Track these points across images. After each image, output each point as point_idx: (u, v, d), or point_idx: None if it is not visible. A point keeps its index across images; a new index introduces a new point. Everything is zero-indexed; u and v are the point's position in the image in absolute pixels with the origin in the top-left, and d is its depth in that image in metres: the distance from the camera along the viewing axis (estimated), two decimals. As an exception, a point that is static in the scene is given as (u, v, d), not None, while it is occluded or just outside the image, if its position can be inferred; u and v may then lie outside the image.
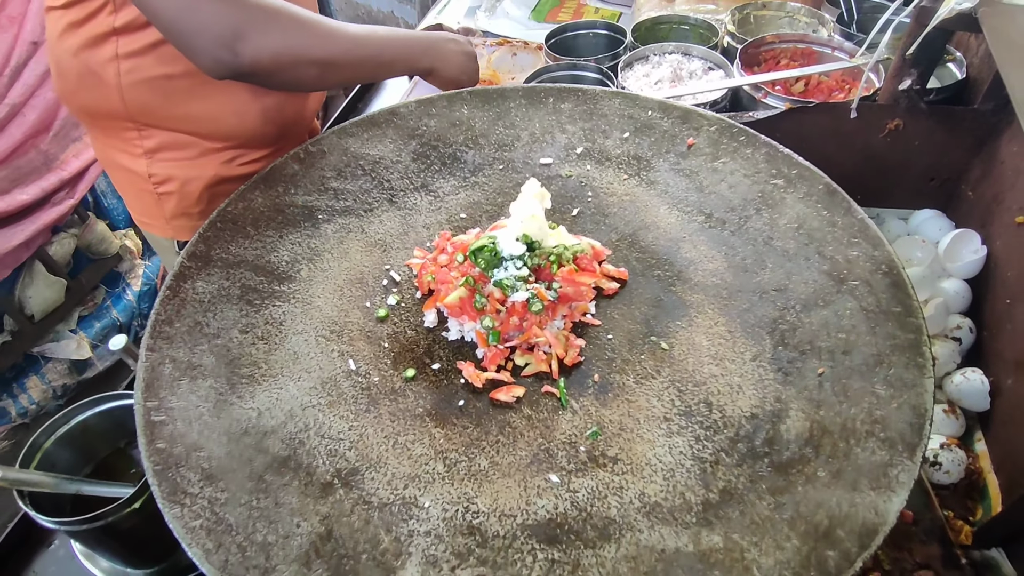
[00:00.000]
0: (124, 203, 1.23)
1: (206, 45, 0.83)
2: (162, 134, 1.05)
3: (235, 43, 0.84)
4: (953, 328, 0.94)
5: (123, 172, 1.12)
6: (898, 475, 0.56)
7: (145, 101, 1.00)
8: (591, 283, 0.76)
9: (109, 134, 1.07)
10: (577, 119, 1.01)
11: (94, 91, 1.00)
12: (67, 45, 0.98)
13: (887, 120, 1.03)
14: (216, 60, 0.84)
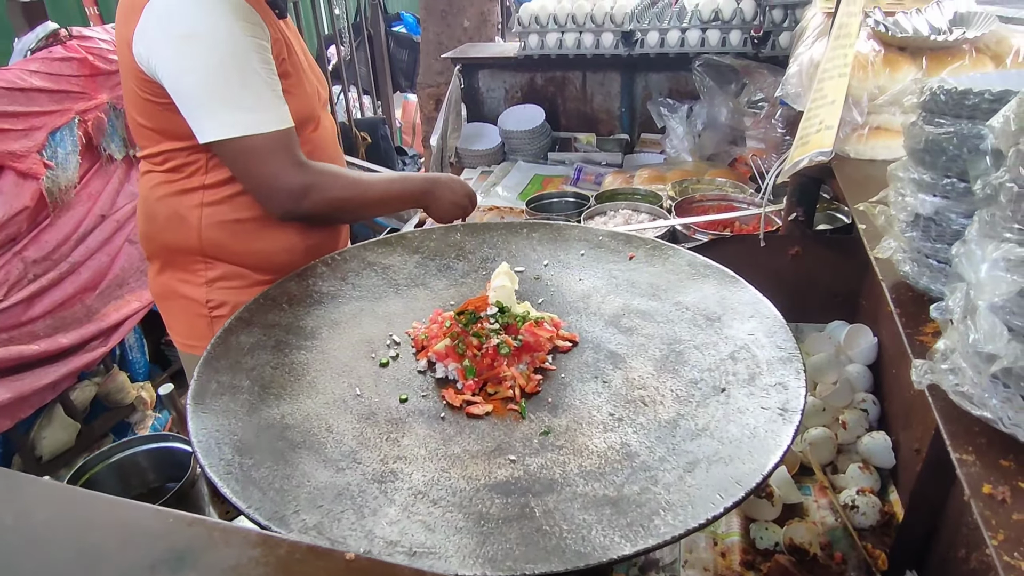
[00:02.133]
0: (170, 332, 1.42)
1: (282, 199, 1.16)
2: (224, 266, 1.30)
3: (302, 198, 1.17)
4: (860, 401, 1.13)
5: (181, 300, 1.34)
6: (776, 440, 0.73)
7: (218, 239, 1.27)
8: (548, 336, 0.98)
9: (178, 267, 1.32)
10: (545, 243, 1.30)
11: (177, 231, 1.27)
12: (160, 194, 1.27)
13: (789, 247, 1.32)
14: (286, 210, 1.18)
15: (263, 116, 1.12)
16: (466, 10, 3.30)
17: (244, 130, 1.10)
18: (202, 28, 1.08)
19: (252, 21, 1.11)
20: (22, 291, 2.14)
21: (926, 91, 0.67)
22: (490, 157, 2.59)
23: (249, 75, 1.10)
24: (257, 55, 1.11)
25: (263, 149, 1.12)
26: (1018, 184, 0.51)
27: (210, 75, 1.08)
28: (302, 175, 1.16)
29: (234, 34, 1.09)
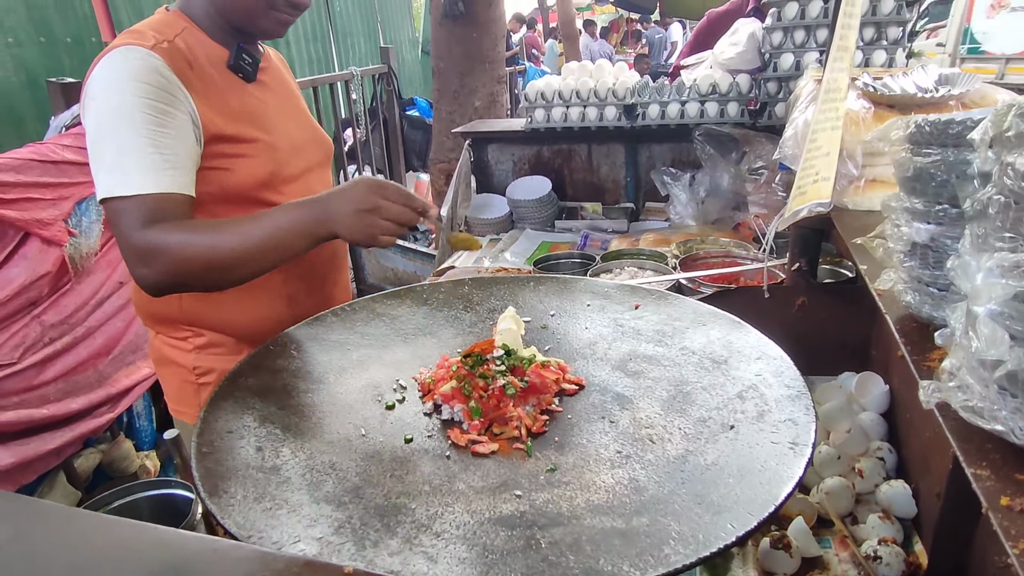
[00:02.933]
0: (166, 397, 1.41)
1: (131, 265, 1.07)
2: (210, 334, 1.29)
3: (145, 264, 1.04)
4: (875, 450, 1.10)
5: (172, 366, 1.34)
6: (788, 472, 0.72)
7: (198, 309, 1.26)
8: (555, 378, 0.98)
9: (168, 334, 1.32)
10: (552, 295, 1.31)
11: (160, 301, 1.22)
12: None
13: (794, 298, 1.33)
14: (139, 277, 1.06)
15: (126, 179, 1.05)
16: (477, 91, 3.48)
17: (106, 192, 1.05)
18: (99, 92, 1.08)
19: (157, 85, 1.08)
20: (37, 354, 2.17)
21: (911, 124, 0.70)
22: (499, 225, 2.65)
23: (123, 139, 1.05)
24: (142, 118, 1.06)
25: (118, 212, 1.05)
26: (1004, 195, 0.53)
27: (94, 139, 1.08)
28: (144, 237, 1.03)
29: (123, 98, 1.06)
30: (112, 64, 1.08)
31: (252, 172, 1.20)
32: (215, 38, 1.21)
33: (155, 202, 1.05)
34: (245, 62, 1.23)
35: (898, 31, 1.88)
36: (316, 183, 1.35)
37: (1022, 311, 0.50)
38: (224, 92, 1.19)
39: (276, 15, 1.21)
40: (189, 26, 1.19)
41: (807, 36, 1.98)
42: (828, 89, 1.05)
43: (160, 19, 1.19)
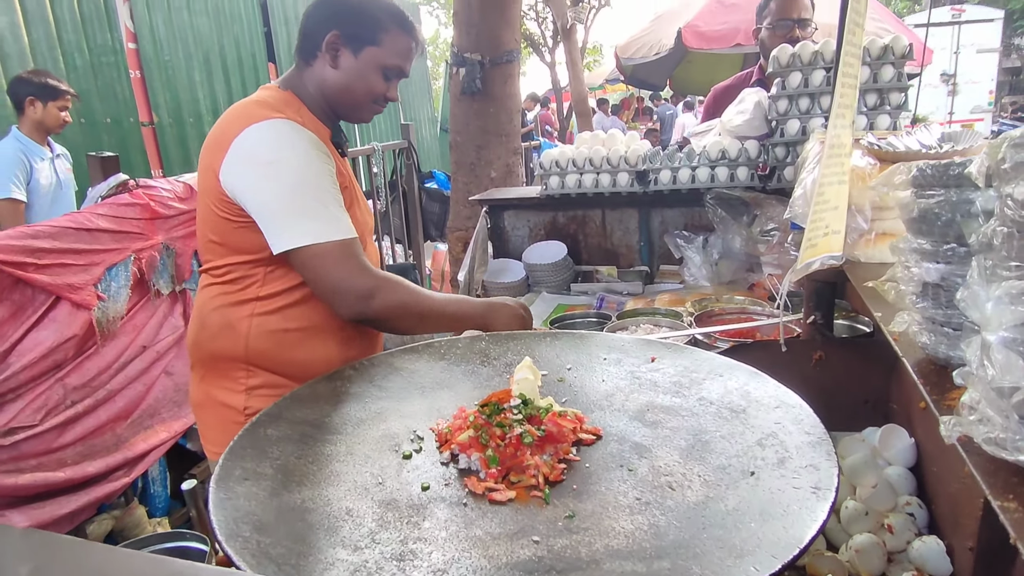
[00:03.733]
0: (204, 441, 1.48)
1: (351, 300, 1.27)
2: (265, 375, 1.39)
3: (370, 299, 1.27)
4: (904, 505, 1.06)
5: (219, 408, 1.41)
6: (811, 516, 0.70)
7: (263, 348, 1.37)
8: (572, 427, 0.97)
9: (221, 374, 1.40)
10: (569, 350, 1.32)
11: (226, 339, 1.38)
12: (215, 304, 1.39)
13: (811, 352, 1.32)
14: (355, 311, 1.27)
15: (333, 227, 1.26)
16: (493, 163, 3.60)
17: (316, 238, 1.24)
18: (284, 155, 1.27)
19: (324, 151, 1.32)
20: (58, 416, 2.19)
21: (913, 168, 0.72)
22: (515, 289, 2.68)
23: (321, 193, 1.27)
24: (329, 178, 1.30)
25: (333, 255, 1.25)
26: (1007, 226, 0.54)
27: (289, 193, 1.26)
28: (370, 278, 1.27)
29: (310, 160, 1.28)
30: (282, 132, 1.28)
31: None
32: (318, 117, 1.41)
33: (357, 245, 1.29)
34: (342, 139, 1.48)
35: (900, 96, 1.95)
36: (371, 248, 1.54)
37: (1034, 336, 0.50)
38: (336, 160, 1.39)
39: (373, 108, 1.44)
40: (301, 106, 1.39)
41: (811, 103, 2.05)
42: (832, 145, 1.09)
43: (281, 97, 1.38)
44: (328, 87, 1.39)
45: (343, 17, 1.35)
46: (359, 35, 1.35)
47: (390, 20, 1.37)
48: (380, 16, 1.36)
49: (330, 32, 1.35)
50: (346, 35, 1.35)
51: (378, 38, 1.36)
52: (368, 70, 1.37)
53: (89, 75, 4.22)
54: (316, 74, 1.39)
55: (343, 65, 1.37)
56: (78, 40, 4.17)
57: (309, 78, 1.40)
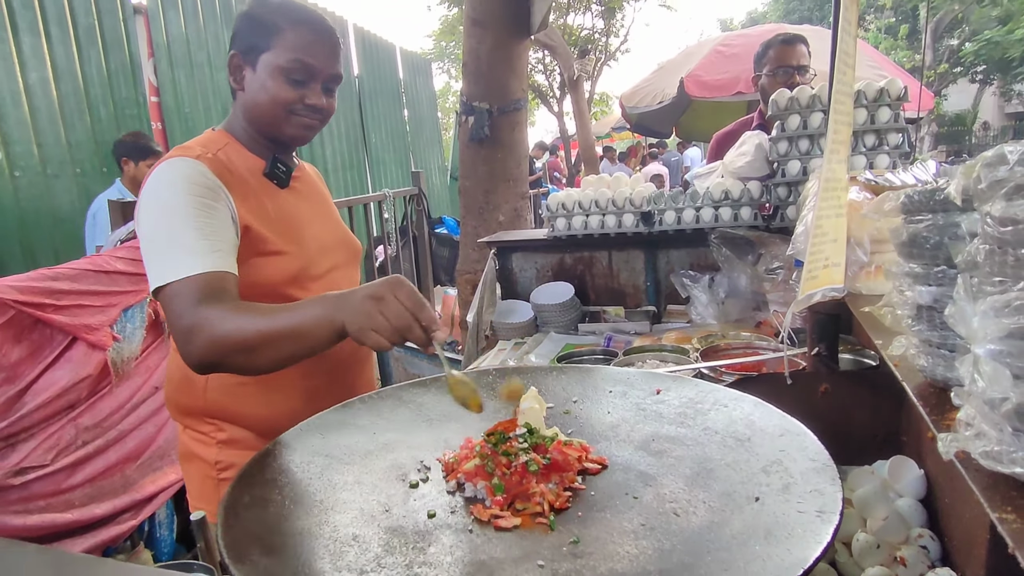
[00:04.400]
0: (188, 494, 1.44)
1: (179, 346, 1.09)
2: (232, 428, 1.35)
3: (188, 343, 1.07)
4: (917, 537, 1.05)
5: (195, 461, 1.38)
6: (816, 538, 0.70)
7: (221, 402, 1.33)
8: (577, 456, 0.98)
9: (193, 427, 1.38)
10: (575, 383, 1.33)
11: (186, 393, 1.35)
12: (175, 358, 1.37)
13: (817, 385, 1.32)
14: (186, 356, 1.07)
15: (176, 265, 1.11)
16: (501, 207, 3.67)
17: (160, 279, 1.12)
18: (152, 196, 1.18)
19: (203, 184, 1.18)
20: (69, 457, 2.20)
21: (901, 195, 0.75)
22: (523, 329, 2.70)
23: (176, 231, 1.14)
24: (192, 212, 1.15)
25: (169, 295, 1.11)
26: (988, 244, 0.56)
27: (148, 234, 1.17)
28: (190, 315, 1.06)
29: (175, 197, 1.16)
30: (163, 171, 1.21)
31: (281, 268, 1.29)
32: (253, 151, 1.34)
33: (203, 281, 1.10)
34: (279, 170, 1.36)
35: (898, 137, 1.99)
36: (342, 280, 1.44)
37: (1020, 348, 0.52)
38: (259, 196, 1.31)
39: (298, 120, 1.30)
40: (231, 141, 1.33)
41: (811, 144, 2.10)
42: (828, 179, 1.12)
43: (206, 137, 1.35)
44: (245, 112, 1.32)
45: (238, 35, 1.30)
46: (253, 46, 1.27)
47: (282, 20, 1.26)
48: (270, 19, 1.27)
49: (230, 56, 1.30)
50: (242, 52, 1.29)
51: (270, 42, 1.26)
52: (268, 78, 1.26)
53: (113, 127, 4.38)
54: (237, 105, 1.34)
55: (248, 84, 1.30)
56: (104, 94, 4.35)
57: (235, 112, 1.35)
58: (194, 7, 5.21)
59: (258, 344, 1.03)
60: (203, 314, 1.06)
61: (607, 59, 13.83)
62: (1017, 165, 0.50)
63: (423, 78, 10.10)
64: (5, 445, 2.11)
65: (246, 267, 1.25)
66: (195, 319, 1.06)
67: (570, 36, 12.91)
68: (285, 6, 1.29)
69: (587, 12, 13.31)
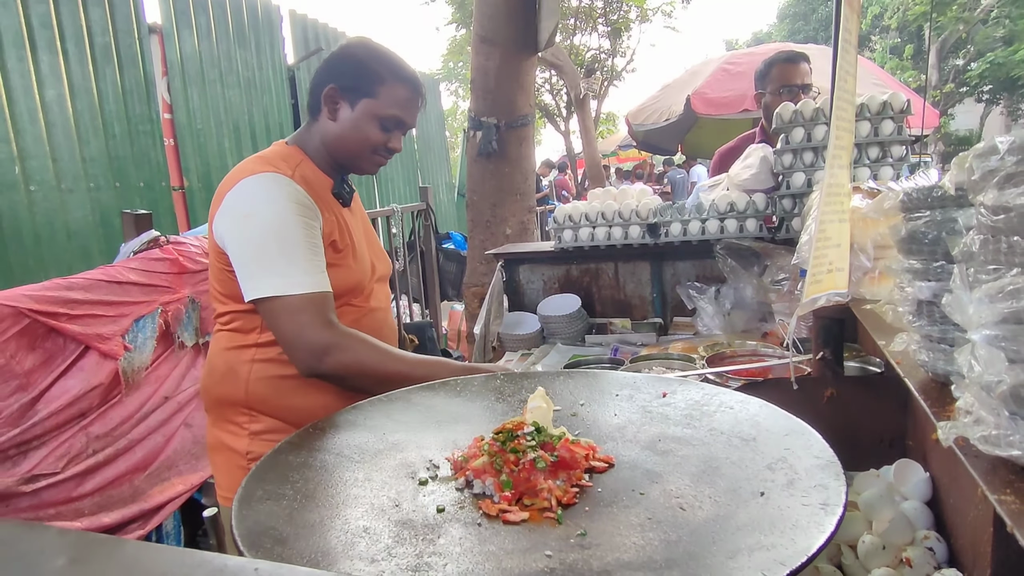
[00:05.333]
0: (216, 486, 1.51)
1: (303, 354, 1.27)
2: (267, 420, 1.42)
3: (324, 355, 1.26)
4: (923, 539, 1.05)
5: (225, 451, 1.45)
6: (819, 528, 0.71)
7: (262, 393, 1.40)
8: (584, 454, 0.99)
9: (226, 418, 1.45)
10: (582, 387, 1.35)
11: (228, 384, 1.43)
12: (219, 349, 1.45)
13: (823, 389, 1.33)
14: (307, 365, 1.26)
15: (295, 280, 1.27)
16: (508, 220, 3.71)
17: (276, 291, 1.26)
18: (259, 208, 1.31)
19: (304, 204, 1.33)
20: (79, 465, 2.22)
21: (900, 193, 0.77)
22: (530, 341, 2.72)
23: (289, 246, 1.28)
24: (303, 231, 1.30)
25: (290, 308, 1.26)
26: (983, 233, 0.58)
27: (257, 246, 1.29)
28: (326, 334, 1.26)
29: (283, 214, 1.29)
30: (260, 185, 1.32)
31: (346, 279, 1.41)
32: (322, 169, 1.46)
33: (324, 300, 1.28)
34: (345, 190, 1.50)
35: (901, 149, 2.02)
36: (380, 294, 1.57)
37: (1014, 332, 0.54)
38: (334, 212, 1.43)
39: (377, 159, 1.47)
40: (304, 159, 1.44)
41: (815, 156, 2.12)
42: (831, 184, 1.14)
43: (282, 152, 1.45)
44: (328, 139, 1.44)
45: (341, 71, 1.41)
46: (356, 88, 1.40)
47: (388, 73, 1.41)
48: (377, 69, 1.40)
49: (328, 86, 1.41)
50: (343, 88, 1.41)
51: (375, 91, 1.40)
52: (364, 121, 1.41)
53: (127, 142, 4.46)
54: (320, 128, 1.45)
55: (341, 117, 1.42)
56: (118, 110, 4.43)
57: (315, 132, 1.46)
58: (208, 26, 5.33)
59: (390, 381, 1.26)
60: (345, 335, 1.26)
61: (613, 78, 13.97)
62: (1008, 155, 0.52)
63: (431, 97, 10.22)
64: (17, 452, 2.14)
65: None
66: (334, 339, 1.25)
67: (577, 56, 13.07)
68: (392, 60, 1.43)
69: (593, 32, 13.48)
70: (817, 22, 24.81)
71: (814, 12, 25.36)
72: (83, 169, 4.21)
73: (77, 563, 0.58)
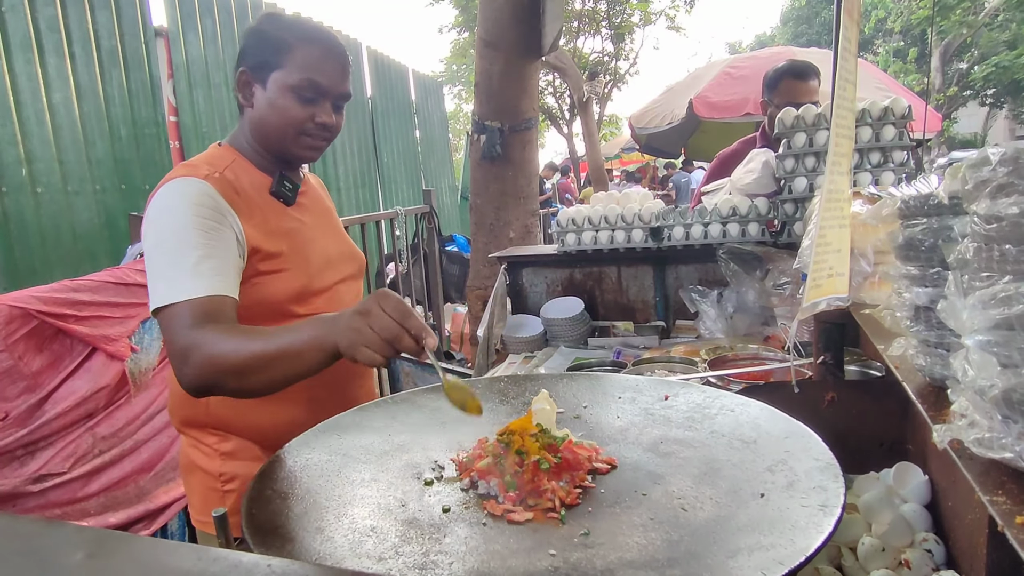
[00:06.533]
0: (190, 508, 1.44)
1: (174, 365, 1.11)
2: (236, 440, 1.35)
3: (183, 364, 1.08)
4: (921, 541, 1.06)
5: (198, 474, 1.38)
6: (818, 529, 0.73)
7: (223, 415, 1.33)
8: (587, 456, 1.01)
9: (196, 440, 1.38)
10: (584, 390, 1.36)
11: (190, 406, 1.35)
12: None
13: (823, 393, 1.34)
14: (179, 377, 1.09)
15: (179, 287, 1.12)
16: (511, 224, 3.73)
17: (161, 300, 1.13)
18: (158, 215, 1.19)
19: (209, 207, 1.19)
20: (85, 465, 2.24)
21: (897, 200, 0.79)
22: (533, 344, 2.73)
23: (178, 253, 1.14)
24: (196, 236, 1.15)
25: (167, 316, 1.12)
26: (977, 242, 0.60)
27: (151, 254, 1.17)
28: (185, 337, 1.07)
29: (179, 219, 1.16)
30: (169, 191, 1.20)
31: (286, 285, 1.30)
32: (259, 167, 1.34)
33: (201, 304, 1.10)
34: (286, 188, 1.36)
35: (902, 155, 2.03)
36: (346, 294, 1.46)
37: (1006, 337, 0.55)
38: (266, 214, 1.31)
39: (307, 140, 1.31)
40: (237, 158, 1.32)
41: (817, 161, 2.14)
42: (830, 190, 1.16)
43: (212, 153, 1.34)
44: (253, 129, 1.32)
45: (247, 51, 1.29)
46: (263, 64, 1.27)
47: (292, 37, 1.26)
48: (281, 37, 1.26)
49: (239, 72, 1.29)
50: (252, 68, 1.28)
51: (280, 60, 1.25)
52: (278, 96, 1.27)
53: (132, 145, 4.50)
54: (244, 121, 1.34)
55: (256, 101, 1.29)
56: (124, 113, 4.46)
57: (242, 127, 1.35)
58: (213, 29, 5.36)
59: (252, 366, 1.04)
60: (198, 336, 1.07)
61: (616, 82, 14.00)
62: (999, 166, 0.53)
63: (434, 100, 10.26)
64: (25, 453, 2.16)
65: (250, 286, 1.27)
66: (189, 341, 1.07)
67: (580, 59, 13.10)
68: (295, 24, 1.30)
69: (597, 35, 13.51)
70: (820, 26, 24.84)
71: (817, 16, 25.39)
72: (89, 171, 4.24)
73: (94, 558, 0.60)
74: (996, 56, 17.48)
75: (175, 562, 0.60)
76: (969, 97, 19.64)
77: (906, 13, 19.22)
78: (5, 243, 3.80)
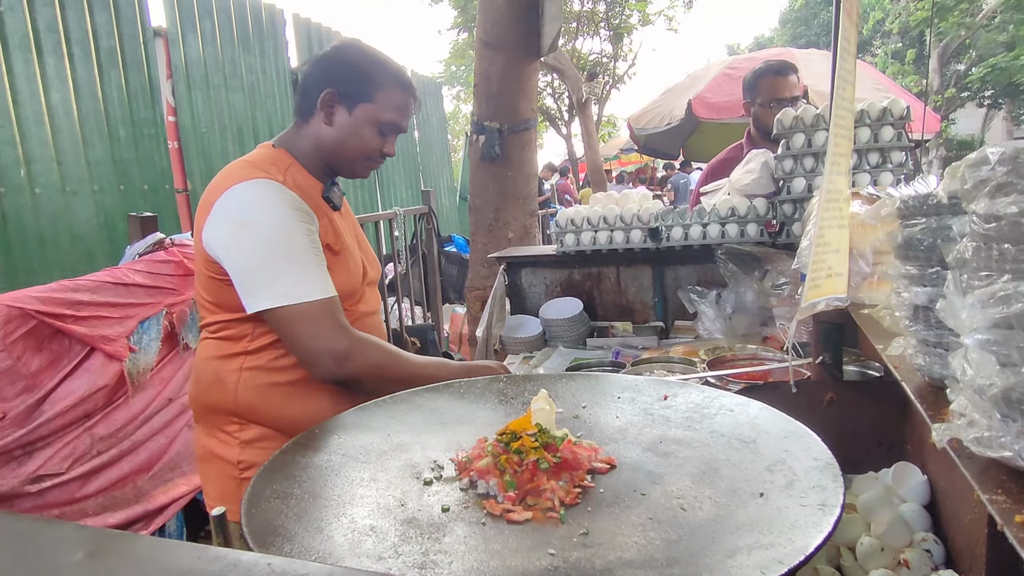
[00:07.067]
0: (205, 496, 1.49)
1: (325, 361, 1.26)
2: (257, 428, 1.40)
3: (344, 360, 1.26)
4: (920, 541, 1.07)
5: (215, 461, 1.42)
6: (817, 528, 0.73)
7: (251, 402, 1.38)
8: (587, 455, 1.01)
9: (216, 427, 1.42)
10: (583, 390, 1.36)
11: (217, 392, 1.40)
12: (207, 356, 1.43)
13: (822, 394, 1.35)
14: (330, 372, 1.26)
15: (305, 287, 1.26)
16: (510, 224, 3.73)
17: (287, 300, 1.25)
18: (256, 215, 1.29)
19: (301, 210, 1.32)
20: (84, 466, 2.24)
21: (897, 201, 0.79)
22: (532, 344, 2.73)
23: (294, 253, 1.27)
24: (304, 237, 1.30)
25: (306, 315, 1.25)
26: (976, 241, 0.60)
27: (260, 254, 1.27)
28: (344, 339, 1.27)
29: (284, 219, 1.29)
30: (254, 193, 1.29)
31: (341, 284, 1.39)
32: (312, 173, 1.44)
33: (335, 304, 1.29)
34: (334, 194, 1.48)
35: (901, 155, 2.03)
36: (371, 297, 1.55)
37: (1005, 336, 0.55)
38: (326, 216, 1.42)
39: (370, 164, 1.46)
40: (293, 163, 1.42)
41: (816, 162, 2.14)
42: (829, 191, 1.16)
43: (269, 155, 1.41)
44: (323, 144, 1.42)
45: (338, 75, 1.38)
46: (353, 92, 1.38)
47: (385, 77, 1.39)
48: (375, 73, 1.38)
49: (325, 90, 1.38)
50: (341, 92, 1.38)
51: (372, 95, 1.38)
52: (362, 126, 1.39)
53: (131, 145, 4.49)
54: (312, 131, 1.42)
55: (338, 122, 1.40)
56: (123, 113, 4.46)
57: (305, 135, 1.43)
58: (212, 30, 5.36)
59: (403, 381, 1.30)
60: (360, 339, 1.28)
61: (615, 82, 14.01)
62: (998, 165, 0.53)
63: (433, 100, 10.26)
64: (23, 453, 2.15)
65: None
66: (351, 342, 1.27)
67: (579, 60, 13.11)
68: (388, 64, 1.42)
69: (595, 36, 13.52)
70: (819, 27, 24.87)
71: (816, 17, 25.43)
72: (88, 172, 4.24)
73: (94, 557, 0.60)
74: (994, 58, 17.51)
75: (175, 561, 0.60)
76: (967, 98, 19.68)
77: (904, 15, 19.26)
78: (4, 243, 3.79)
